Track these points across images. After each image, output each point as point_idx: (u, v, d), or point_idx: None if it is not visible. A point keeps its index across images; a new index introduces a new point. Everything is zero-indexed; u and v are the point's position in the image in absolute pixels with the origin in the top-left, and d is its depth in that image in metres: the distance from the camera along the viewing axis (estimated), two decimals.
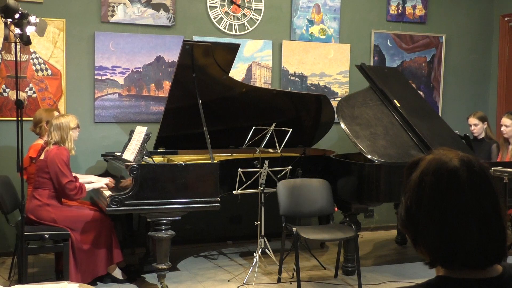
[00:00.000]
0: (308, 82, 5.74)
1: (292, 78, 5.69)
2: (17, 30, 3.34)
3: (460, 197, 1.10)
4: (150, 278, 4.31)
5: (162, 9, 5.18)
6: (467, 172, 1.12)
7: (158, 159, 4.64)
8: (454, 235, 1.10)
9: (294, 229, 4.01)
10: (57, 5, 4.90)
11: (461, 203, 1.10)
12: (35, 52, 4.84)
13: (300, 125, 5.09)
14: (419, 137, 4.51)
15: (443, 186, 1.12)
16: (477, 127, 5.12)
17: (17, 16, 3.29)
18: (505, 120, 4.93)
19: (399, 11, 6.07)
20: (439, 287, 1.14)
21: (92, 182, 4.33)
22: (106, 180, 4.32)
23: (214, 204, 3.98)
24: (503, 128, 4.95)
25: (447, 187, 1.11)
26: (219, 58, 4.41)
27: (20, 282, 3.56)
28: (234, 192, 4.22)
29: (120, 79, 5.11)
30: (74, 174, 4.11)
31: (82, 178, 4.34)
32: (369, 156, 4.26)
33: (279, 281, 4.27)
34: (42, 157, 4.03)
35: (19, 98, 3.43)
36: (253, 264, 4.29)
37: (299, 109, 5.14)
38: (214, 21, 5.37)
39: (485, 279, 1.12)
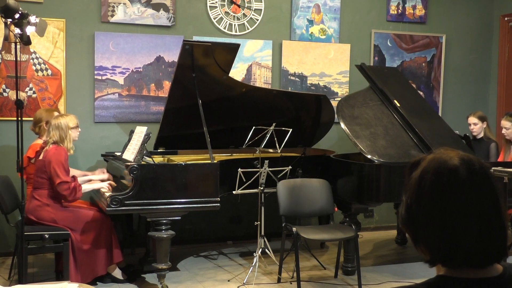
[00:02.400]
0: (308, 82, 5.74)
1: (292, 78, 5.69)
2: (17, 30, 3.34)
3: (460, 196, 1.10)
4: (150, 278, 4.31)
5: (162, 9, 5.18)
6: (467, 171, 1.12)
7: (158, 159, 4.64)
8: (453, 233, 1.10)
9: (294, 229, 4.01)
10: (57, 5, 4.90)
11: (460, 202, 1.10)
12: (35, 52, 4.84)
13: (300, 125, 5.09)
14: (419, 137, 4.51)
15: (443, 184, 1.12)
16: (476, 126, 5.12)
17: (17, 16, 3.29)
18: (504, 123, 4.93)
19: (399, 11, 6.07)
20: (439, 286, 1.14)
21: (90, 180, 4.34)
22: (106, 183, 4.27)
23: (214, 204, 3.98)
24: (503, 131, 4.94)
25: (447, 185, 1.11)
26: (219, 58, 4.41)
27: (20, 282, 3.56)
28: (234, 192, 4.22)
29: (120, 79, 5.11)
30: (72, 174, 4.10)
31: (80, 176, 4.35)
32: (369, 156, 4.26)
33: (279, 281, 4.27)
34: (41, 157, 4.02)
35: (19, 98, 3.43)
36: (253, 264, 4.29)
37: (299, 109, 5.14)
38: (214, 21, 5.37)
39: (485, 279, 1.12)
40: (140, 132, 4.16)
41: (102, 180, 4.42)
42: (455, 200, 1.10)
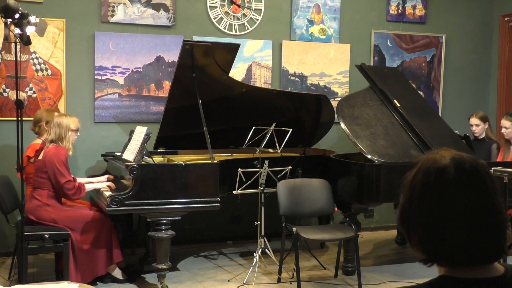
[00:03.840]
0: (308, 82, 5.74)
1: (292, 78, 5.69)
2: (17, 30, 3.34)
3: (447, 195, 1.11)
4: (150, 278, 4.31)
5: (162, 9, 5.18)
6: (455, 169, 1.12)
7: (158, 159, 4.64)
8: (441, 232, 1.10)
9: (294, 229, 4.01)
10: (57, 5, 4.90)
11: (448, 201, 1.11)
12: (35, 52, 4.84)
13: (300, 125, 5.09)
14: (419, 137, 4.51)
15: (431, 183, 1.13)
16: (478, 127, 5.13)
17: (17, 16, 3.29)
18: (504, 122, 4.94)
19: (399, 11, 6.07)
20: (441, 286, 1.14)
21: (91, 183, 4.34)
22: (107, 183, 4.28)
23: (214, 204, 3.98)
24: (503, 130, 4.95)
25: (434, 185, 1.12)
26: (219, 58, 4.41)
27: (20, 282, 3.56)
28: (234, 192, 4.22)
29: (120, 79, 5.11)
30: (72, 176, 4.11)
31: (82, 180, 4.34)
32: (369, 156, 4.26)
33: (279, 281, 4.27)
34: (40, 157, 4.03)
35: (19, 98, 3.43)
36: (253, 264, 4.29)
37: (299, 109, 5.14)
38: (214, 21, 5.37)
39: (486, 279, 1.12)
40: (140, 132, 4.16)
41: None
42: (443, 199, 1.11)
